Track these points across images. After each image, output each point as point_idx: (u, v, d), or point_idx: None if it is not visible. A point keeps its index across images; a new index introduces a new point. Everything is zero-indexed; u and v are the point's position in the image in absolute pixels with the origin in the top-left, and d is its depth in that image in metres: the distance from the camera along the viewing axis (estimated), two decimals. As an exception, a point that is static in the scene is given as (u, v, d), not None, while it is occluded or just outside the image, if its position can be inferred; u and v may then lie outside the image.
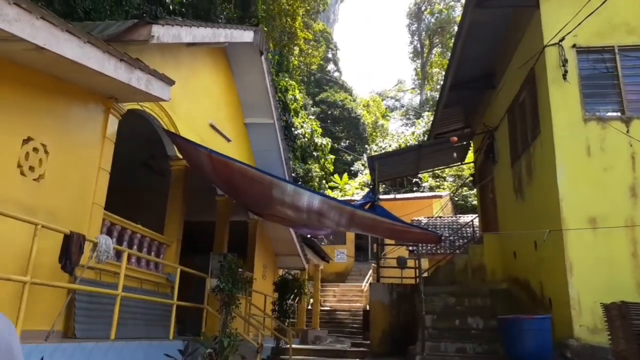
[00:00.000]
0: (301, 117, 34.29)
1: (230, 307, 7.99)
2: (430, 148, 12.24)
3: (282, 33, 35.74)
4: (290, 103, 31.85)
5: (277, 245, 16.39)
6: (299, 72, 45.89)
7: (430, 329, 9.45)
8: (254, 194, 8.50)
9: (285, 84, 31.46)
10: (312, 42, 52.90)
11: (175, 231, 9.36)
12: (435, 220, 21.89)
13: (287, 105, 31.34)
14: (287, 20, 33.33)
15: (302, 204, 7.96)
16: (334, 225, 8.40)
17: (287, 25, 34.79)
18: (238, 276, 8.00)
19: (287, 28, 35.22)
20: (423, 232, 7.59)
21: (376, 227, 7.85)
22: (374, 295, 11.07)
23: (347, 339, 19.42)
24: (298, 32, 36.66)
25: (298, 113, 33.64)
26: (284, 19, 33.78)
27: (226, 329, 7.82)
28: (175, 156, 9.44)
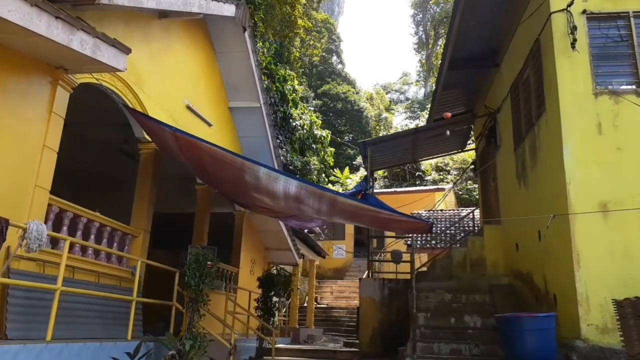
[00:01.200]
0: (300, 108, 33.39)
1: (198, 304, 7.16)
2: (428, 133, 11.34)
3: (282, 22, 34.83)
4: (288, 94, 30.98)
5: (267, 239, 15.57)
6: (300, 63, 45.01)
7: (422, 328, 8.59)
8: (228, 178, 7.67)
9: (283, 73, 30.57)
10: (314, 33, 51.96)
11: (143, 221, 8.54)
12: (436, 213, 20.98)
13: (286, 96, 30.46)
14: (286, 8, 32.41)
15: (278, 189, 7.12)
16: (314, 214, 7.56)
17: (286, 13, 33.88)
18: (206, 270, 7.17)
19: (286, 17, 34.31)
20: (411, 221, 6.75)
21: (360, 215, 7.00)
22: (364, 291, 10.22)
23: (343, 337, 18.59)
24: (298, 20, 35.74)
25: (297, 104, 32.74)
26: (284, 7, 32.87)
27: (192, 328, 7.01)
28: (143, 138, 8.62)
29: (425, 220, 6.72)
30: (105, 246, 7.51)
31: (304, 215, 8.21)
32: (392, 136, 10.53)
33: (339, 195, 6.78)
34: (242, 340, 11.48)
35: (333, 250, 26.71)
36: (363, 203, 6.86)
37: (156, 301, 8.00)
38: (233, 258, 13.41)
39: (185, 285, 7.21)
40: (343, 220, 7.65)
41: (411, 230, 7.44)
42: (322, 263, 26.62)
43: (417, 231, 7.57)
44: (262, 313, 11.03)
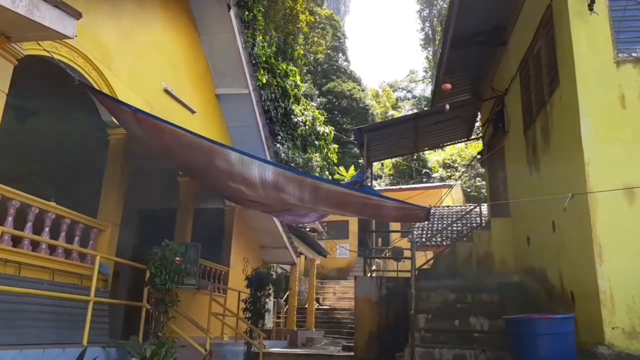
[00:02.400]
0: (302, 104, 32.53)
1: (166, 305, 6.32)
2: (430, 119, 10.43)
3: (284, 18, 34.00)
4: (290, 89, 30.16)
5: (262, 237, 14.71)
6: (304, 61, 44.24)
7: (423, 332, 7.70)
8: (199, 164, 6.83)
9: (285, 68, 29.74)
10: (318, 30, 51.13)
11: (111, 213, 7.72)
12: (442, 210, 20.02)
13: (287, 91, 29.62)
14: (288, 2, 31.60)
15: (254, 176, 6.26)
16: (297, 202, 6.69)
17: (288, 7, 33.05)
18: (174, 267, 6.33)
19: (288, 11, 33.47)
20: (405, 207, 5.86)
21: (347, 202, 6.12)
22: (360, 291, 9.34)
23: (344, 340, 17.69)
24: (300, 14, 34.85)
25: (299, 100, 31.87)
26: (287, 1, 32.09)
27: (158, 332, 6.17)
28: (112, 123, 7.80)
29: (418, 206, 5.83)
30: (63, 241, 6.69)
31: (288, 205, 7.34)
32: (391, 122, 9.65)
33: (323, 182, 5.92)
34: (229, 345, 10.64)
35: (336, 249, 25.79)
36: (349, 189, 5.99)
37: (119, 301, 7.16)
38: (223, 256, 12.58)
39: (151, 283, 6.37)
40: (330, 209, 6.76)
41: (406, 218, 6.51)
42: (325, 263, 25.74)
43: (413, 219, 6.64)
44: (250, 315, 10.16)
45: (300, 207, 7.60)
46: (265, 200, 7.48)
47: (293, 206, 7.82)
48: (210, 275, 11.49)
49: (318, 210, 7.65)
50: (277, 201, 7.04)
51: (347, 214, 6.66)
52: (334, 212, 6.85)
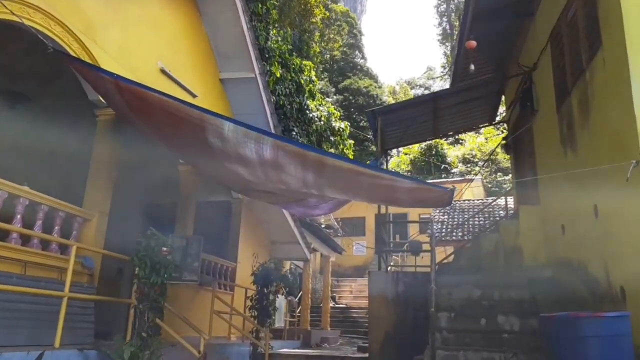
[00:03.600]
0: (317, 99, 31.75)
1: (151, 301, 5.57)
2: (451, 99, 9.51)
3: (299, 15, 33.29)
4: (305, 84, 29.42)
5: (272, 231, 13.96)
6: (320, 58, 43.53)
7: (445, 332, 6.83)
8: (190, 142, 6.06)
9: (299, 62, 29.01)
10: (334, 27, 50.38)
11: (98, 201, 7.02)
12: (462, 204, 19.03)
13: (302, 86, 28.91)
14: (303, -4, 30.91)
15: (250, 153, 5.49)
16: (301, 187, 5.89)
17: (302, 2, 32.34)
18: (160, 258, 5.58)
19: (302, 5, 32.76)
20: (423, 188, 5.01)
21: (357, 183, 5.28)
22: (374, 287, 8.49)
23: (361, 340, 16.85)
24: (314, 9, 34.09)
25: (314, 95, 31.11)
26: (301, -4, 31.40)
27: (141, 332, 5.43)
28: (99, 101, 7.10)
29: (440, 187, 4.99)
30: (39, 230, 6.00)
31: (292, 191, 6.56)
32: (407, 103, 8.79)
33: (327, 156, 5.10)
34: (235, 346, 9.89)
35: (352, 246, 24.95)
36: (359, 165, 5.15)
37: (100, 297, 6.45)
38: (230, 251, 11.86)
39: (135, 277, 5.63)
40: (338, 193, 5.93)
41: (426, 202, 5.62)
42: (341, 261, 24.93)
43: (433, 203, 5.72)
44: (256, 313, 9.40)
45: (305, 194, 6.80)
46: (267, 185, 6.70)
47: (297, 193, 7.04)
48: (216, 271, 10.78)
49: (325, 197, 6.84)
50: (278, 184, 6.24)
51: (358, 198, 5.83)
52: (342, 197, 6.03)
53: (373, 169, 5.19)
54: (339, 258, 23.96)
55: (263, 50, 22.60)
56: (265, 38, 24.93)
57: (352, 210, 26.18)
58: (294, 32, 31.99)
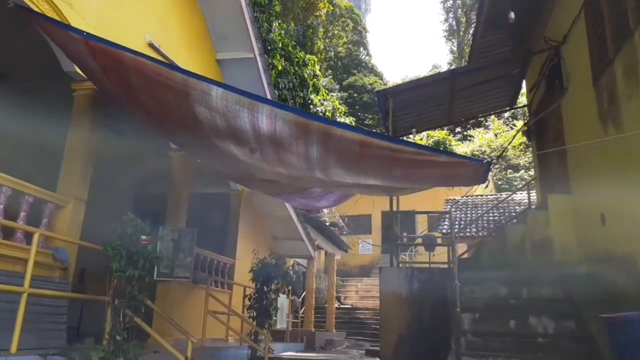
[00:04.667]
0: (321, 94, 30.91)
1: (127, 297, 4.72)
2: (469, 78, 8.62)
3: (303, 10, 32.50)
4: (309, 78, 28.59)
5: (274, 226, 13.10)
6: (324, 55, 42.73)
7: (469, 335, 5.96)
8: (174, 113, 5.20)
9: (303, 56, 28.18)
10: (338, 23, 49.60)
11: (74, 186, 6.18)
12: (475, 199, 18.12)
13: (305, 80, 28.10)
14: (306, -10, 30.12)
15: (244, 125, 4.63)
16: (303, 167, 5.02)
17: (305, -5, 31.56)
18: (139, 247, 4.74)
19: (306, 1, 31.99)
20: (452, 162, 4.14)
21: (371, 159, 4.38)
22: (386, 284, 7.62)
23: (368, 342, 15.98)
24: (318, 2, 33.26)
25: (318, 90, 30.27)
26: (304, -10, 30.64)
27: (115, 335, 4.58)
28: (75, 73, 6.27)
29: (475, 158, 4.14)
30: (0, 216, 5.17)
31: (293, 176, 5.70)
32: (422, 81, 7.92)
33: (334, 125, 4.22)
34: (232, 349, 9.04)
35: (358, 245, 24.06)
36: (371, 135, 4.26)
37: (72, 295, 5.60)
38: (228, 246, 11.03)
39: (110, 270, 4.78)
40: (348, 174, 5.04)
41: (455, 178, 4.65)
42: (346, 259, 24.06)
43: (465, 179, 4.73)
44: (255, 314, 8.54)
45: (309, 179, 5.94)
46: (265, 170, 5.85)
47: (299, 180, 6.18)
48: (212, 267, 9.96)
49: (331, 184, 5.97)
50: (277, 166, 5.38)
51: (371, 179, 4.93)
52: (352, 179, 5.15)
53: (391, 140, 4.32)
54: (344, 257, 23.07)
55: (265, 42, 21.79)
56: (268, 30, 24.12)
57: (358, 207, 25.25)
58: (297, 28, 31.23)
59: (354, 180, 5.08)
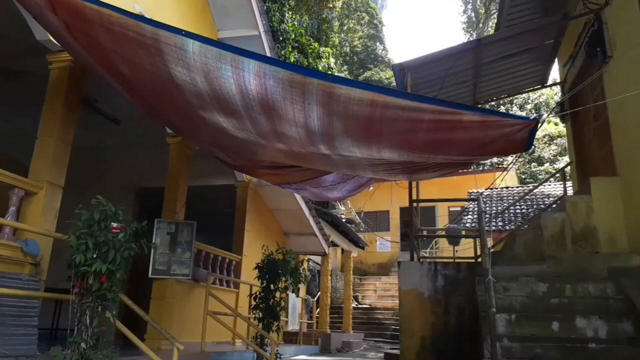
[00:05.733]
0: (337, 88, 30.07)
1: (94, 296, 3.93)
2: (496, 49, 7.68)
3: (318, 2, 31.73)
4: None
5: (285, 221, 12.30)
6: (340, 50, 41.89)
7: (506, 340, 5.06)
8: (150, 78, 4.38)
9: (317, 47, 27.35)
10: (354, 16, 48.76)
11: (48, 170, 5.42)
12: (500, 192, 17.06)
13: (321, 74, 27.34)
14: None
15: (228, 88, 3.82)
16: (304, 140, 4.16)
17: (319, -14, 30.74)
18: (108, 236, 3.94)
19: (319, -7, 31.17)
20: (490, 122, 3.26)
21: (384, 123, 3.49)
22: (406, 281, 6.74)
23: (387, 344, 15.08)
24: (331, -9, 32.44)
25: (333, 83, 29.42)
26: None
27: (79, 341, 3.80)
28: (49, 42, 5.52)
29: (519, 116, 3.26)
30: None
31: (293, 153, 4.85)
32: (444, 53, 6.99)
33: (338, 82, 3.35)
34: (236, 353, 8.24)
35: (376, 242, 23.14)
36: (385, 93, 3.39)
37: (37, 293, 4.83)
38: (234, 242, 10.25)
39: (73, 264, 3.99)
40: (358, 149, 4.14)
41: (490, 144, 3.61)
42: (364, 258, 23.18)
43: (502, 146, 3.68)
44: (260, 315, 7.73)
45: (315, 158, 5.08)
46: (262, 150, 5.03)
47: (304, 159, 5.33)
48: (216, 264, 9.19)
49: (340, 162, 5.10)
50: (274, 140, 4.53)
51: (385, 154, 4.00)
52: (364, 154, 4.26)
53: (410, 97, 3.42)
54: (361, 255, 22.19)
55: (277, 33, 21.04)
56: (280, 20, 23.36)
57: (375, 203, 24.33)
58: (312, 21, 30.50)
59: (366, 154, 4.21)
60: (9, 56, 6.77)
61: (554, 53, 8.73)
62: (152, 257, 7.52)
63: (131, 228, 4.13)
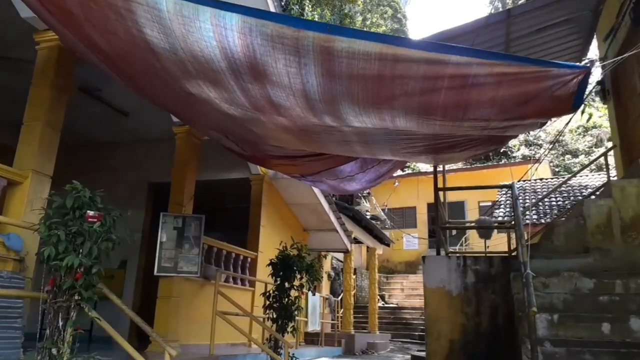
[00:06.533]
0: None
1: (66, 295, 3.41)
2: (527, 21, 6.92)
3: (340, -3, 31.22)
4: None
5: (304, 216, 11.73)
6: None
7: (548, 344, 4.37)
8: (125, 46, 3.80)
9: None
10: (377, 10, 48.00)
11: (33, 158, 4.96)
12: (534, 184, 16.11)
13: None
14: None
15: (210, 49, 3.25)
16: (307, 111, 3.55)
17: (341, -21, 30.23)
18: (84, 226, 3.42)
19: (342, -17, 30.64)
20: (529, 73, 2.64)
21: (398, 81, 2.84)
22: (431, 277, 6.07)
23: (415, 346, 14.36)
24: (354, -14, 31.86)
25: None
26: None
27: (50, 346, 3.29)
28: (34, 20, 5.07)
29: (566, 63, 2.61)
30: None
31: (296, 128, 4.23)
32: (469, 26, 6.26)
33: (339, 34, 2.72)
34: (248, 356, 7.71)
35: (403, 239, 22.37)
36: (400, 44, 2.77)
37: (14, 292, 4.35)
38: (250, 238, 9.73)
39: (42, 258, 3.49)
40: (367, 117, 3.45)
41: (530, 101, 2.81)
42: (390, 256, 22.45)
43: (545, 102, 3.01)
44: (274, 315, 7.17)
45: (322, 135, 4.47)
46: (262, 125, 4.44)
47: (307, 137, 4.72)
48: (229, 261, 8.68)
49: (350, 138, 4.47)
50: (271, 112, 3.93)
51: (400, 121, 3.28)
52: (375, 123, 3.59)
53: (427, 47, 2.77)
54: (388, 253, 21.47)
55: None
56: (300, 14, 22.91)
57: (401, 199, 23.58)
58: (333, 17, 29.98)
59: (378, 123, 3.56)
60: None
61: (594, 25, 7.90)
62: (157, 253, 7.06)
63: (111, 217, 3.59)
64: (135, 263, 9.98)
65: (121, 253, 9.98)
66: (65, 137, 9.98)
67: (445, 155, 4.95)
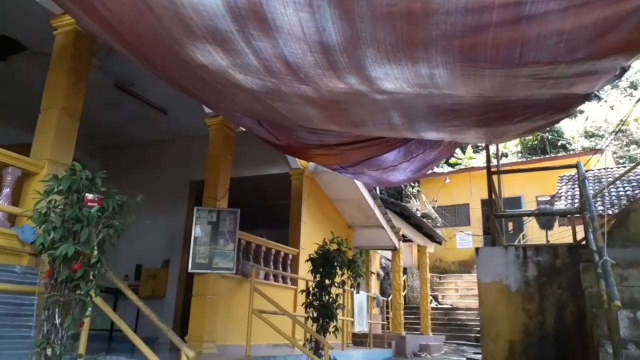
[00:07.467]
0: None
1: (63, 289, 3.04)
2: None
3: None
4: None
5: (348, 212, 11.20)
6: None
7: (632, 346, 3.64)
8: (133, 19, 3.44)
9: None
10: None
11: (49, 147, 4.68)
12: (599, 172, 14.89)
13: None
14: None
15: (214, 5, 2.78)
16: (327, 69, 3.06)
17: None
18: (84, 211, 3.04)
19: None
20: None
21: (435, 26, 2.31)
22: (486, 271, 5.40)
23: (471, 348, 13.52)
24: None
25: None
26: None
27: (44, 346, 2.92)
28: (48, 3, 4.82)
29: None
30: None
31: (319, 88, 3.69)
32: None
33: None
34: (289, 357, 7.23)
35: (456, 238, 21.42)
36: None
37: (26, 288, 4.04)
38: (290, 234, 9.30)
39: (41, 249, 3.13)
40: (400, 74, 2.90)
41: (602, 29, 2.30)
42: (443, 255, 21.56)
43: (629, 32, 2.46)
44: (315, 314, 6.68)
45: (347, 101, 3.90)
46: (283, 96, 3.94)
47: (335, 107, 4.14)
48: (269, 258, 8.27)
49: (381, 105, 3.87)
50: (286, 74, 3.41)
51: (439, 73, 2.77)
52: (412, 87, 3.04)
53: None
54: (440, 252, 20.60)
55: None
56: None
57: (453, 196, 22.62)
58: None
59: (414, 81, 2.98)
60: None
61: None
62: (191, 249, 6.73)
63: (115, 201, 3.19)
64: (177, 262, 9.74)
65: (164, 252, 9.81)
66: (108, 137, 10.07)
67: (499, 129, 4.28)
